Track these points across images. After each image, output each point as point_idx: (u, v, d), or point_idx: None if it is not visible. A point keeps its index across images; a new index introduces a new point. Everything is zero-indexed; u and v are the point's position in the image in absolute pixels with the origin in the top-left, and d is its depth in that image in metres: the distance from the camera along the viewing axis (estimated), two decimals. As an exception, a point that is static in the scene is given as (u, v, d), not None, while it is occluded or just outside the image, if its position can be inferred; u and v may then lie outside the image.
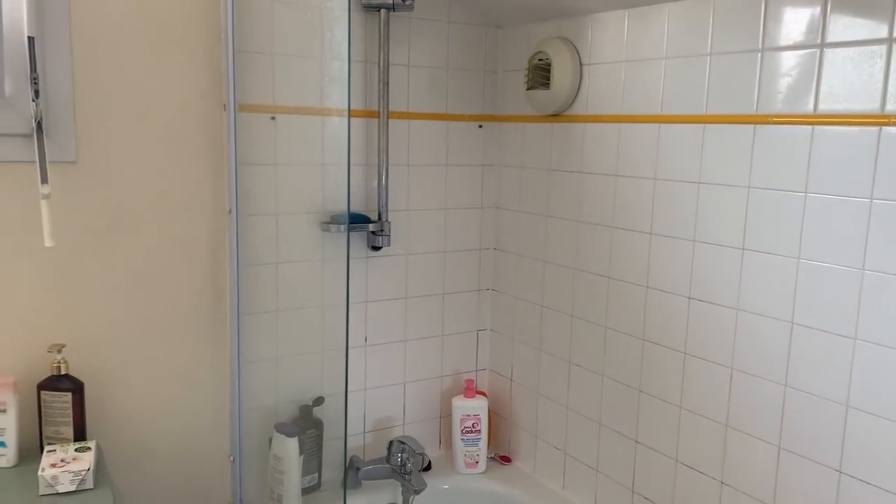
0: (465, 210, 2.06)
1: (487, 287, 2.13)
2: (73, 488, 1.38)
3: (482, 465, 2.02)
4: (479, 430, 2.00)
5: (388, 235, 1.90)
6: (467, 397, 2.01)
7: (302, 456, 1.78)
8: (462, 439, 2.00)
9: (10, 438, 1.46)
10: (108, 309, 1.63)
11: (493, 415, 2.13)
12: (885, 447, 1.24)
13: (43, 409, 1.51)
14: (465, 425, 2.00)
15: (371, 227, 1.86)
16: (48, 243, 1.44)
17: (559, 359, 1.89)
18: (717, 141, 1.48)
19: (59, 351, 1.52)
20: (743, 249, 1.44)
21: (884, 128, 1.22)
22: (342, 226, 1.81)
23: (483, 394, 2.08)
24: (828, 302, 1.31)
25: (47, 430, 1.52)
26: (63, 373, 1.52)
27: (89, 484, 1.39)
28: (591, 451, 1.82)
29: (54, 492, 1.37)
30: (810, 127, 1.32)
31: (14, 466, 1.47)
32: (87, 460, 1.42)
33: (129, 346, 1.66)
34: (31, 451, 1.50)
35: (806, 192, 1.33)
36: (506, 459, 2.08)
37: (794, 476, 1.37)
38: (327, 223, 1.82)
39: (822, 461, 1.33)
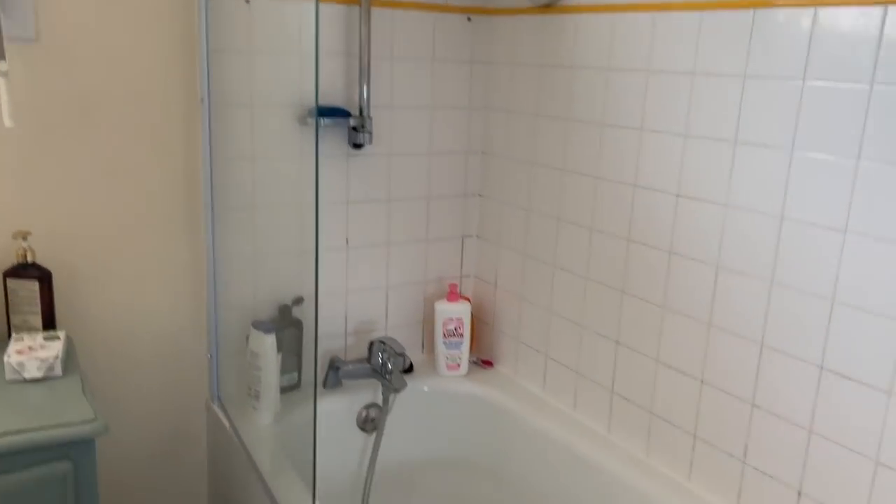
0: (453, 110, 1.99)
1: (475, 192, 2.08)
2: (39, 375, 1.35)
3: (464, 369, 2.01)
4: (462, 334, 1.98)
5: (370, 133, 1.83)
6: (450, 301, 1.98)
7: (280, 354, 1.76)
8: (444, 342, 1.98)
9: (-23, 325, 1.43)
10: (76, 198, 1.57)
11: (476, 321, 2.11)
12: (867, 341, 1.22)
13: (10, 297, 1.47)
14: (448, 328, 1.97)
15: (351, 121, 1.79)
16: (7, 123, 1.37)
17: (544, 263, 1.86)
18: (714, 28, 1.40)
19: (25, 238, 1.47)
20: (735, 143, 1.39)
21: (889, 6, 1.15)
22: (322, 119, 1.74)
23: (467, 299, 2.05)
24: (820, 195, 1.26)
25: (15, 319, 1.48)
26: (30, 261, 1.47)
27: (57, 371, 1.36)
28: (572, 353, 1.80)
29: (21, 378, 1.34)
30: (812, 9, 1.25)
31: (-16, 354, 1.44)
32: (55, 348, 1.39)
33: (100, 238, 1.62)
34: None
35: (804, 80, 1.27)
36: (487, 363, 2.07)
37: (777, 373, 1.36)
38: (306, 117, 1.75)
39: (805, 357, 1.31)
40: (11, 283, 1.47)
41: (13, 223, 1.51)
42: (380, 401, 1.88)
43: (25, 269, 1.47)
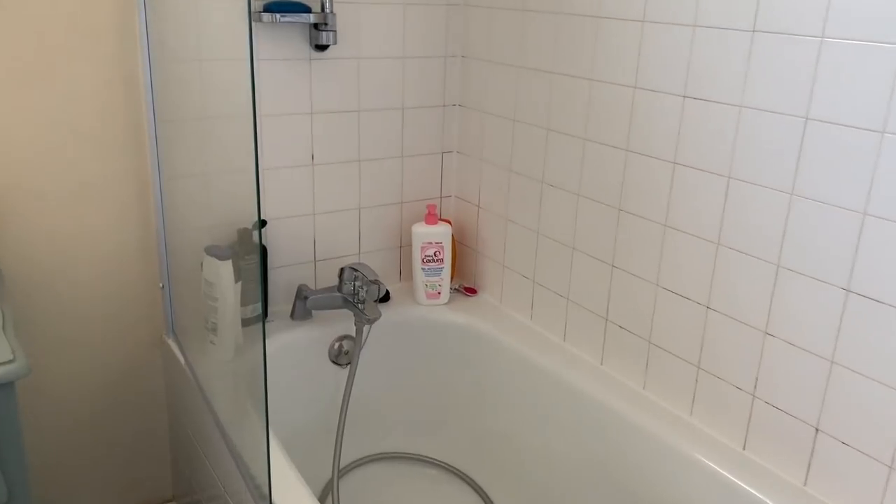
0: (428, 6, 1.76)
1: (454, 102, 1.87)
2: (-48, 310, 1.18)
3: (444, 297, 1.85)
4: (442, 259, 1.81)
5: (334, 31, 1.61)
6: (429, 224, 1.81)
7: (239, 283, 1.59)
8: (423, 269, 1.81)
9: None
10: (-9, 106, 1.36)
11: (457, 245, 1.94)
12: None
13: (-82, 223, 1.28)
14: (427, 254, 1.80)
15: (312, 17, 1.57)
16: None
17: (531, 179, 1.67)
18: None
19: (-70, 153, 1.27)
20: (753, 32, 1.19)
21: None
22: (278, 14, 1.52)
23: (447, 221, 1.87)
24: (850, 94, 1.08)
25: (-73, 247, 1.30)
26: (-62, 179, 1.28)
27: (-27, 305, 1.19)
28: (562, 278, 1.64)
29: (-70, 313, 1.17)
30: None
31: None
32: (-30, 279, 1.21)
33: (23, 152, 1.42)
34: None
35: (841, -50, 1.06)
36: (471, 291, 1.91)
37: (794, 294, 1.20)
38: (260, 12, 1.52)
39: (828, 280, 1.15)
40: (-82, 205, 1.27)
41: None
42: (353, 332, 1.72)
43: (-67, 189, 1.27)
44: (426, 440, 1.86)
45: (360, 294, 1.66)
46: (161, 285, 1.62)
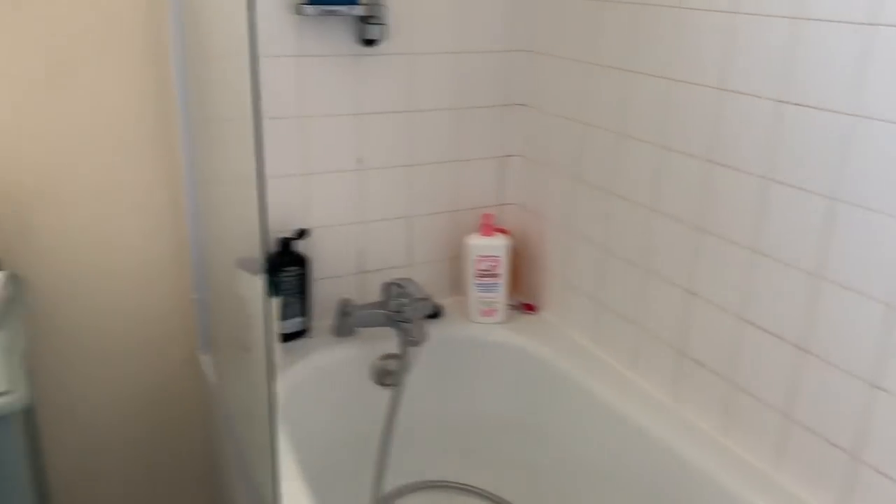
0: (489, -3, 1.60)
1: (518, 102, 1.70)
2: (-41, 328, 1.09)
3: (500, 314, 1.69)
4: (498, 274, 1.65)
5: (385, 25, 1.47)
6: (484, 235, 1.65)
7: (280, 297, 1.48)
8: (476, 284, 1.66)
9: None
10: (13, 102, 1.27)
11: (518, 257, 1.77)
12: None
13: (-64, 231, 1.21)
14: (481, 268, 1.65)
15: (358, 9, 1.43)
16: None
17: (599, 189, 1.50)
18: None
19: (-53, 157, 1.19)
20: (874, 25, 0.98)
21: None
22: (322, 7, 1.39)
23: (505, 232, 1.71)
24: None
25: (-55, 257, 1.22)
26: (-45, 185, 1.20)
27: (-18, 323, 1.10)
28: (632, 301, 1.46)
29: (-64, 332, 1.09)
30: None
31: None
32: (-19, 294, 1.12)
33: (49, 153, 1.33)
34: (-73, 282, 1.22)
35: None
36: (530, 308, 1.74)
37: (912, 347, 0.99)
38: (303, 4, 1.40)
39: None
40: (-65, 212, 1.20)
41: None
42: (399, 351, 1.58)
43: (-50, 196, 1.20)
44: (475, 470, 1.71)
45: (405, 312, 1.52)
46: (193, 296, 1.52)
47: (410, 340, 1.49)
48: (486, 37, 1.62)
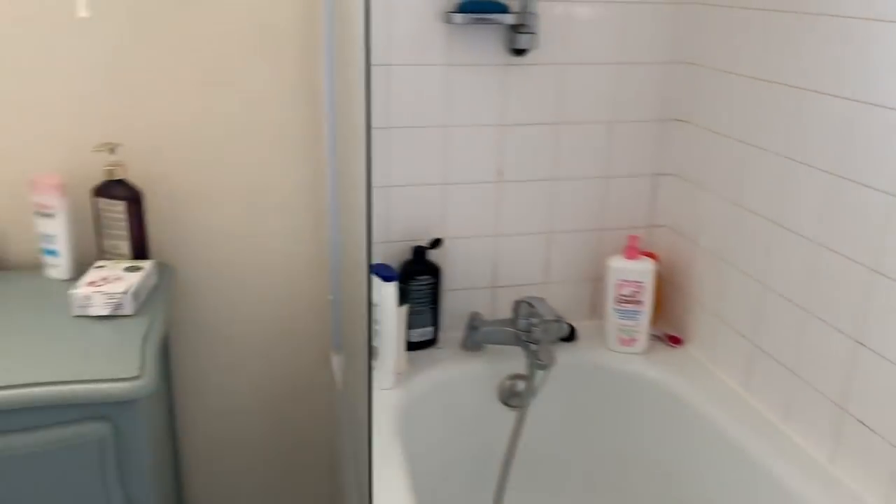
0: (653, 4, 1.50)
1: (677, 117, 1.59)
2: (106, 312, 1.17)
3: (641, 345, 1.58)
4: (640, 301, 1.54)
5: (535, 34, 1.41)
6: (628, 258, 1.55)
7: (407, 305, 1.47)
8: (616, 310, 1.56)
9: (62, 247, 1.28)
10: (172, 104, 1.35)
11: (666, 284, 1.65)
12: None
13: (100, 219, 1.31)
14: (622, 293, 1.55)
15: (509, 18, 1.39)
16: (82, 13, 1.16)
17: (760, 218, 1.35)
18: None
19: (112, 151, 1.28)
20: None
21: None
22: (471, 15, 1.36)
23: (653, 256, 1.59)
24: None
25: (105, 244, 1.32)
26: (117, 178, 1.29)
27: (127, 310, 1.17)
28: (789, 345, 1.30)
29: (87, 314, 1.17)
30: None
31: (69, 279, 1.29)
32: (129, 282, 1.19)
33: (201, 152, 1.40)
34: (90, 265, 1.31)
35: None
36: (675, 340, 1.62)
37: None
38: (452, 12, 1.37)
39: None
40: (100, 203, 1.29)
41: (104, 134, 1.32)
42: (527, 372, 1.52)
43: (113, 188, 1.29)
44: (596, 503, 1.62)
45: (534, 333, 1.45)
46: (330, 297, 1.55)
47: (538, 363, 1.42)
48: (645, 48, 1.52)
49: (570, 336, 1.62)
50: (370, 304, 0.86)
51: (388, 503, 1.10)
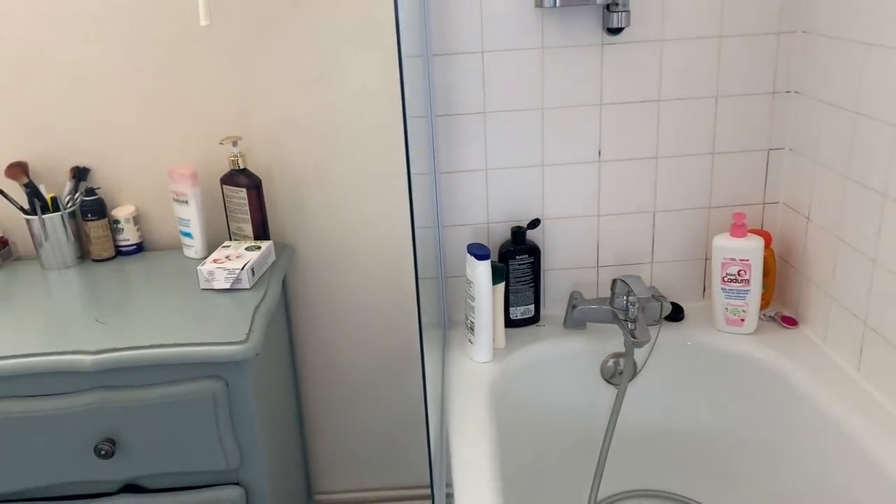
0: (755, -27, 1.45)
1: (789, 89, 1.52)
2: (227, 286, 1.33)
3: (750, 325, 1.53)
4: (748, 280, 1.50)
5: (628, 11, 1.41)
6: (734, 236, 1.50)
7: (503, 283, 1.52)
8: (723, 289, 1.52)
9: (196, 230, 1.46)
10: (287, 100, 1.49)
11: (781, 263, 1.59)
12: None
13: (226, 204, 1.47)
14: (728, 272, 1.51)
15: (598, -1, 1.40)
16: (203, 22, 1.32)
17: (870, 191, 1.27)
18: None
19: (235, 144, 1.44)
20: None
21: None
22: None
23: (764, 234, 1.54)
24: None
25: (232, 226, 1.49)
26: (241, 167, 1.44)
27: (244, 283, 1.32)
28: (901, 327, 1.22)
29: (211, 287, 1.33)
30: None
31: (202, 258, 1.47)
32: (246, 260, 1.35)
33: (314, 143, 1.52)
34: (220, 245, 1.49)
35: None
36: (790, 322, 1.55)
37: None
38: (543, -4, 1.41)
39: None
40: (227, 190, 1.46)
41: (224, 128, 1.48)
42: (625, 350, 1.53)
43: (237, 176, 1.45)
44: (701, 485, 1.59)
45: (630, 311, 1.46)
46: (434, 276, 1.63)
47: (634, 341, 1.43)
48: (751, 18, 1.47)
49: (679, 315, 1.60)
50: (417, 280, 0.93)
51: (468, 474, 1.16)
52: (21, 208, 1.44)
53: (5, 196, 1.43)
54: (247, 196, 1.44)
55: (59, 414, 1.16)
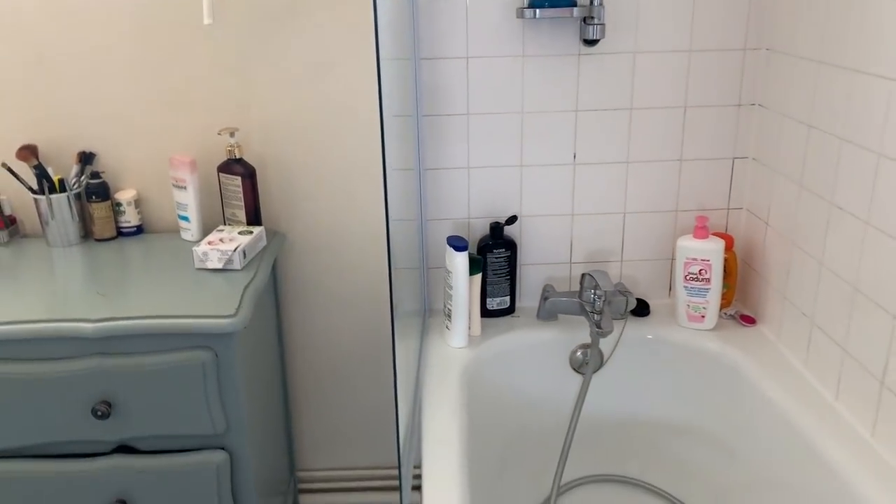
0: (722, -7, 1.55)
1: (753, 102, 1.62)
2: (219, 266, 1.42)
3: (709, 321, 1.63)
4: (708, 279, 1.60)
5: (603, 24, 1.52)
6: (697, 237, 1.61)
7: (480, 274, 1.62)
8: (685, 287, 1.63)
9: (192, 214, 1.56)
10: (283, 95, 1.59)
11: (743, 265, 1.69)
12: None
13: (222, 191, 1.57)
14: (690, 271, 1.61)
15: (575, 11, 1.50)
16: (206, 20, 1.42)
17: (819, 198, 1.38)
18: None
19: (232, 135, 1.54)
20: None
21: None
22: (538, 10, 1.49)
23: (727, 237, 1.64)
24: None
25: (227, 212, 1.58)
26: (237, 157, 1.54)
27: (236, 265, 1.42)
28: (840, 323, 1.32)
29: (205, 267, 1.43)
30: None
31: (198, 241, 1.57)
32: (239, 243, 1.45)
33: (307, 136, 1.62)
34: (214, 228, 1.59)
35: None
36: (748, 320, 1.65)
37: None
38: (525, 8, 1.51)
39: None
40: (223, 178, 1.56)
41: (222, 119, 1.58)
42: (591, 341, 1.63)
43: (233, 165, 1.55)
44: (660, 472, 1.69)
45: (597, 304, 1.56)
46: (415, 267, 1.74)
47: (598, 331, 1.53)
48: (719, 34, 1.57)
49: (644, 311, 1.70)
50: (390, 269, 1.02)
51: (438, 452, 1.25)
52: (30, 188, 1.54)
53: (15, 176, 1.53)
54: (241, 184, 1.54)
55: (61, 377, 1.26)
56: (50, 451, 1.33)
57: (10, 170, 1.53)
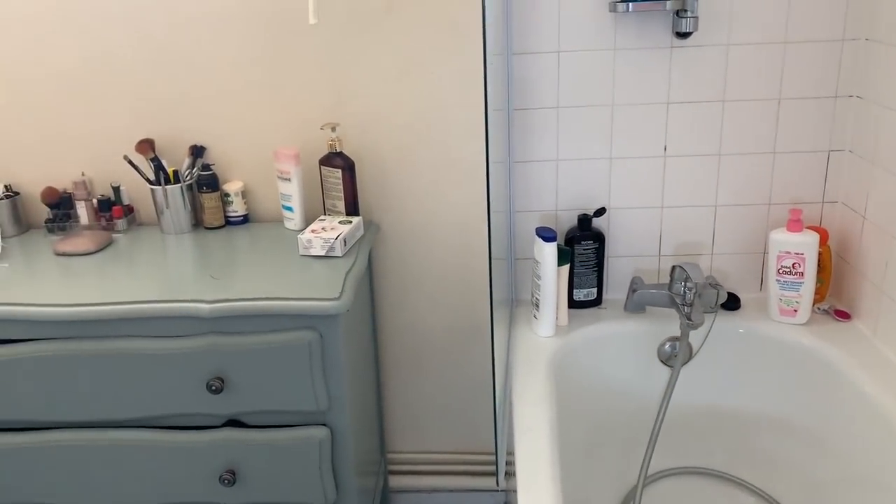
0: (820, -16, 1.53)
1: (851, 93, 1.60)
2: (322, 253, 1.50)
3: (802, 316, 1.61)
4: (802, 273, 1.58)
5: (696, 17, 1.52)
6: (790, 231, 1.59)
7: (568, 265, 1.65)
8: (777, 281, 1.61)
9: (296, 204, 1.64)
10: (380, 90, 1.65)
11: (837, 260, 1.67)
12: None
13: (323, 183, 1.65)
14: (783, 264, 1.60)
15: (669, 4, 1.51)
16: (312, 20, 1.49)
17: (922, 189, 1.35)
18: None
19: (334, 129, 1.61)
20: None
21: None
22: (630, 3, 1.51)
23: (821, 231, 1.62)
24: None
25: (327, 203, 1.66)
26: (337, 150, 1.62)
27: (337, 252, 1.50)
28: (944, 318, 1.30)
29: (308, 254, 1.51)
30: None
31: (301, 230, 1.65)
32: (340, 231, 1.52)
33: (403, 130, 1.68)
34: (316, 218, 1.66)
35: None
36: (843, 315, 1.63)
37: None
38: (617, 2, 1.53)
39: None
40: (324, 170, 1.64)
41: (325, 114, 1.66)
42: (680, 333, 1.63)
43: (333, 158, 1.62)
44: (747, 465, 1.68)
45: (687, 296, 1.56)
46: (505, 258, 1.77)
47: (689, 323, 1.54)
48: (815, 25, 1.56)
49: (735, 305, 1.70)
50: (490, 259, 1.07)
51: (528, 441, 1.29)
52: (147, 179, 1.65)
53: (135, 167, 1.65)
54: (341, 176, 1.61)
55: (178, 353, 1.36)
56: (167, 423, 1.44)
57: (130, 162, 1.65)
